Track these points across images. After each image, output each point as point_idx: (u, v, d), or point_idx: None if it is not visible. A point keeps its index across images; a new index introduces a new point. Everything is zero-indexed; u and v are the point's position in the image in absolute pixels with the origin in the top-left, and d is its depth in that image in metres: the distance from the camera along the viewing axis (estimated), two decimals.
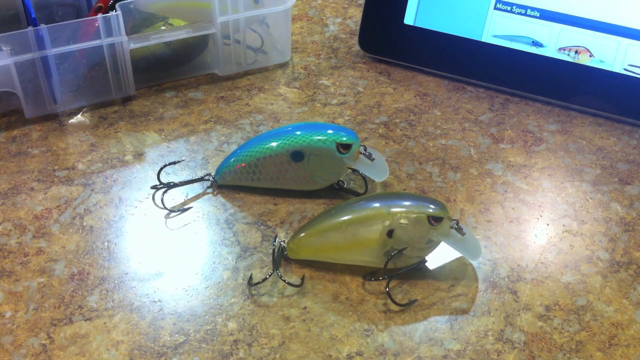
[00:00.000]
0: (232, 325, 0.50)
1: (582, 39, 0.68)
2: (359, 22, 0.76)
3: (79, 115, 0.68)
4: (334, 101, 0.70)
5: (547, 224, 0.58)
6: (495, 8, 0.70)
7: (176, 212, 0.58)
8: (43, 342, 0.48)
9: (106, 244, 0.55)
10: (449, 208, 0.57)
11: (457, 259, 0.54)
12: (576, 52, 0.68)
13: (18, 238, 0.56)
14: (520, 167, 0.63)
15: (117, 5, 0.65)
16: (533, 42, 0.69)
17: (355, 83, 0.73)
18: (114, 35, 0.66)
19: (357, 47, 0.77)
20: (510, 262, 0.54)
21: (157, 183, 0.59)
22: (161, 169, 0.60)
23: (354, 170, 0.59)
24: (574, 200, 0.60)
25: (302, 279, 0.52)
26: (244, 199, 0.59)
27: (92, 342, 0.48)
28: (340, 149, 0.57)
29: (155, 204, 0.59)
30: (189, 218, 0.58)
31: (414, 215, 0.52)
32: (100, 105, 0.69)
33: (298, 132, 0.58)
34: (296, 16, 0.83)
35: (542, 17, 0.69)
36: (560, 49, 0.68)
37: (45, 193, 0.59)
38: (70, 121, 0.67)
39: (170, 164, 0.61)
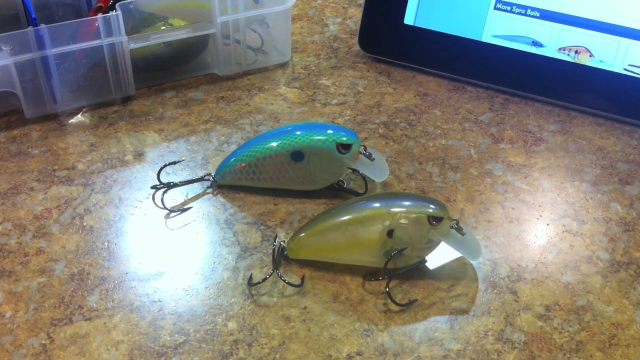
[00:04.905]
0: (232, 325, 0.50)
1: (582, 39, 0.68)
2: (359, 22, 0.76)
3: (79, 115, 0.68)
4: (334, 101, 0.70)
5: (547, 224, 0.58)
6: (495, 8, 0.70)
7: (176, 212, 0.58)
8: (43, 342, 0.48)
9: (106, 244, 0.55)
10: (449, 208, 0.57)
11: (457, 259, 0.54)
12: (576, 52, 0.68)
13: (18, 238, 0.56)
14: (520, 167, 0.63)
15: (117, 5, 0.65)
16: (533, 42, 0.69)
17: (355, 83, 0.73)
18: (114, 35, 0.66)
19: (357, 47, 0.77)
20: (510, 262, 0.54)
21: (157, 183, 0.59)
22: (161, 169, 0.60)
23: (354, 170, 0.59)
24: (574, 200, 0.60)
25: (302, 279, 0.52)
26: (244, 199, 0.59)
27: (92, 342, 0.48)
28: (340, 149, 0.57)
29: (155, 204, 0.59)
30: (189, 218, 0.58)
31: (414, 215, 0.52)
32: (100, 105, 0.69)
33: (298, 132, 0.58)
34: (296, 16, 0.83)
35: (542, 17, 0.69)
36: (560, 49, 0.68)
37: (45, 193, 0.59)
38: (70, 121, 0.67)
39: (170, 164, 0.61)
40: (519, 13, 0.69)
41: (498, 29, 0.70)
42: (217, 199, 0.60)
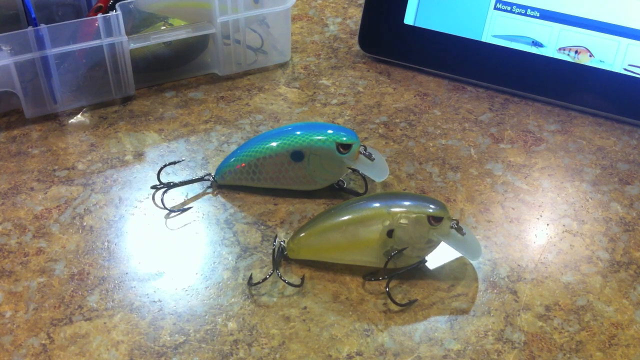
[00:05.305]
0: (232, 325, 0.50)
1: (582, 39, 0.68)
2: (359, 22, 0.76)
3: (79, 115, 0.68)
4: (334, 101, 0.70)
5: (547, 224, 0.58)
6: (495, 8, 0.70)
7: (176, 212, 0.58)
8: (43, 342, 0.48)
9: (106, 244, 0.55)
10: (449, 208, 0.57)
11: (457, 259, 0.54)
12: (576, 52, 0.68)
13: (18, 238, 0.56)
14: (520, 167, 0.63)
15: (117, 5, 0.65)
16: (533, 42, 0.69)
17: (355, 83, 0.73)
18: (114, 35, 0.66)
19: (357, 47, 0.77)
20: (510, 262, 0.54)
21: (157, 183, 0.59)
22: (161, 169, 0.60)
23: (354, 170, 0.59)
24: (574, 200, 0.60)
25: (302, 279, 0.52)
26: (244, 199, 0.59)
27: (92, 342, 0.48)
28: (340, 149, 0.57)
29: (155, 204, 0.59)
30: (189, 218, 0.58)
31: (414, 215, 0.52)
32: (100, 105, 0.69)
33: (298, 132, 0.58)
34: (296, 16, 0.83)
35: (542, 17, 0.69)
36: (560, 49, 0.68)
37: (45, 193, 0.59)
38: (70, 121, 0.67)
39: (170, 164, 0.61)
40: (519, 13, 0.69)
41: (498, 29, 0.70)
42: (217, 199, 0.60)
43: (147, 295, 0.52)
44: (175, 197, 0.60)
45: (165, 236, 0.56)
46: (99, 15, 0.65)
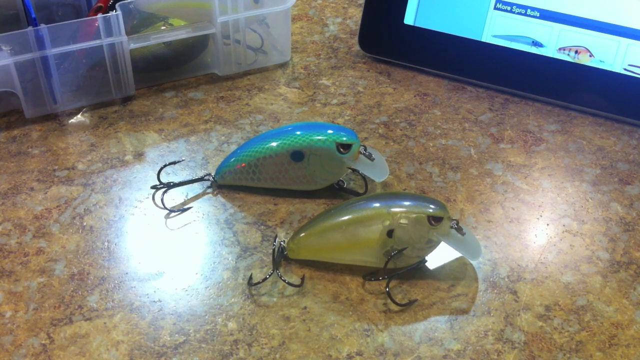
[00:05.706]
0: (232, 325, 0.50)
1: (582, 39, 0.68)
2: (359, 22, 0.76)
3: (79, 115, 0.68)
4: (334, 101, 0.70)
5: (547, 224, 0.58)
6: (495, 8, 0.70)
7: (176, 212, 0.58)
8: (43, 342, 0.48)
9: (106, 244, 0.55)
10: (449, 208, 0.57)
11: (457, 259, 0.54)
12: (576, 52, 0.68)
13: (18, 238, 0.56)
14: (520, 167, 0.63)
15: (117, 5, 0.65)
16: (533, 42, 0.69)
17: (355, 83, 0.73)
18: (114, 35, 0.66)
19: (357, 47, 0.77)
20: (510, 262, 0.54)
21: (157, 183, 0.59)
22: (161, 169, 0.60)
23: (354, 170, 0.59)
24: (574, 200, 0.60)
25: (302, 279, 0.52)
26: (244, 199, 0.59)
27: (92, 342, 0.48)
28: (340, 149, 0.57)
29: (155, 204, 0.59)
30: (189, 218, 0.58)
31: (414, 215, 0.52)
32: (100, 105, 0.69)
33: (298, 132, 0.58)
34: (296, 16, 0.83)
35: (542, 17, 0.69)
36: (560, 49, 0.68)
37: (45, 193, 0.59)
38: (70, 121, 0.67)
39: (170, 164, 0.61)
40: (519, 13, 0.69)
41: (498, 29, 0.70)
42: (217, 199, 0.60)
43: (147, 295, 0.52)
44: (175, 197, 0.60)
45: (165, 236, 0.56)
46: (99, 15, 0.65)
